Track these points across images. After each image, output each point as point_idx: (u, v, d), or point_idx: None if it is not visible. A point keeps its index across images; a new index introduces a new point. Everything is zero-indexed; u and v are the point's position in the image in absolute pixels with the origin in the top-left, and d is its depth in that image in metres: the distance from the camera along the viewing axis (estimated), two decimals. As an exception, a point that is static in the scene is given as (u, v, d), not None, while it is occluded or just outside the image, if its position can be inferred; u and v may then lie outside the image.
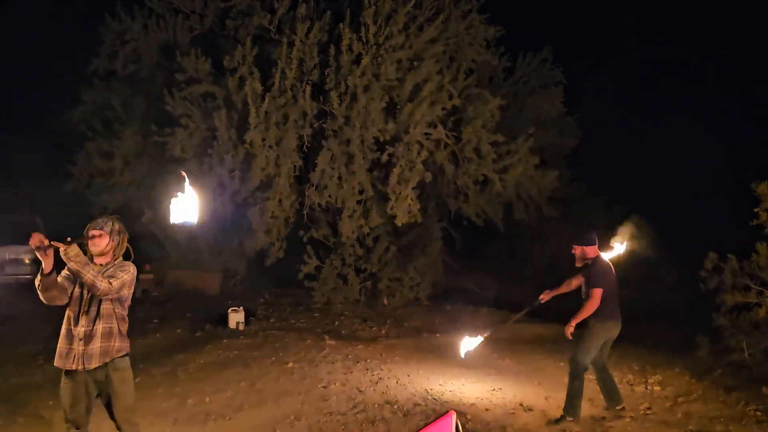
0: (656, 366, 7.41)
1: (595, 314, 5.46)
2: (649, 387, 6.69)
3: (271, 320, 10.38)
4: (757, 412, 5.78)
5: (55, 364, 3.68)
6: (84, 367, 3.66)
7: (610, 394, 5.79)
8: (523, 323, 10.42)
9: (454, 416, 2.73)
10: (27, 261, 12.20)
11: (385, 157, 10.64)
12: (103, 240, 3.73)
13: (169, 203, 3.64)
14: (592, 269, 5.50)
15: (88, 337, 3.68)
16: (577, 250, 5.64)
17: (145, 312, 10.24)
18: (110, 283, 3.56)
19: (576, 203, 13.90)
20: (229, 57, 10.38)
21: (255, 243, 11.32)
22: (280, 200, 10.96)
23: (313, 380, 6.90)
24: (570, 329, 5.49)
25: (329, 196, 10.88)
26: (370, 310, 11.50)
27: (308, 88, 10.29)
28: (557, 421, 5.51)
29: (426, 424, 2.64)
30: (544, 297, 5.81)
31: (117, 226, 3.81)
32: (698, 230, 12.37)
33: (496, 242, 13.72)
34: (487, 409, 5.99)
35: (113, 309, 3.76)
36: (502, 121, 11.50)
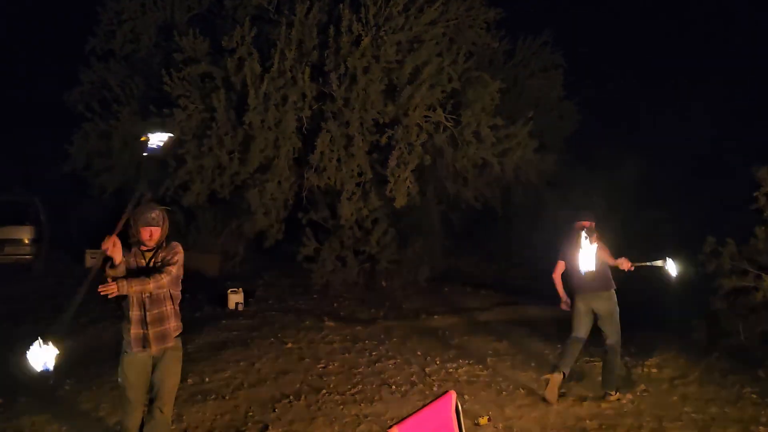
0: (653, 348, 7.44)
1: (570, 289, 5.83)
2: (645, 369, 6.72)
3: (270, 301, 10.42)
4: (753, 395, 5.82)
5: (133, 350, 3.91)
6: (155, 348, 3.94)
7: (607, 376, 5.84)
8: (518, 305, 10.47)
9: (454, 396, 2.75)
10: (26, 241, 12.20)
11: (384, 140, 10.60)
12: (157, 232, 4.05)
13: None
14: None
15: (159, 320, 3.95)
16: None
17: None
18: (169, 273, 3.91)
19: (575, 187, 13.88)
20: (227, 37, 10.28)
21: (254, 225, 11.32)
22: (279, 182, 10.94)
23: (312, 360, 6.95)
24: (564, 304, 5.89)
25: (328, 178, 10.85)
26: (369, 291, 11.53)
27: (307, 70, 10.21)
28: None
29: (424, 404, 2.66)
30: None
31: (164, 216, 4.13)
32: (697, 213, 12.37)
33: (494, 225, 13.72)
34: (484, 391, 6.04)
35: (169, 291, 4.02)
36: (502, 105, 11.44)
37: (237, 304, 9.78)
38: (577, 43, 15.03)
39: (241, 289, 9.97)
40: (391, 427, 2.28)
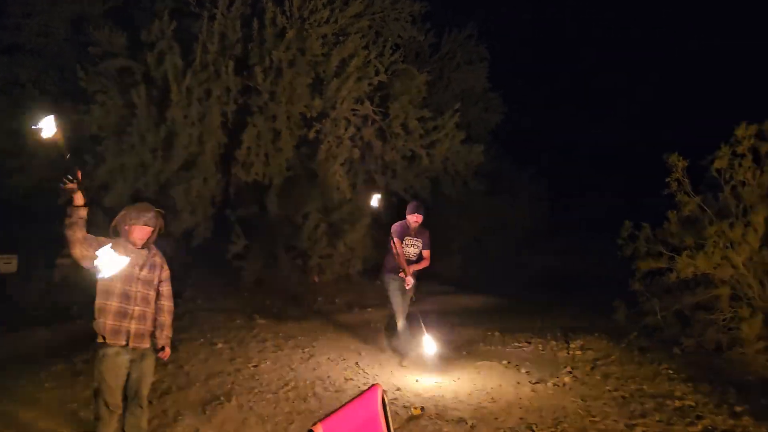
0: (577, 331, 7.73)
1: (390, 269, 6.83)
2: (570, 352, 6.98)
3: (199, 301, 10.17)
4: (669, 371, 6.14)
5: (108, 341, 3.89)
6: (133, 346, 3.96)
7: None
8: (450, 295, 10.66)
9: (379, 389, 2.75)
10: None
11: (312, 134, 10.52)
12: (146, 232, 4.19)
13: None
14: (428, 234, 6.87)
15: (142, 318, 4.04)
16: (420, 218, 6.82)
17: (66, 297, 9.81)
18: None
19: (501, 177, 14.21)
20: (146, 31, 9.93)
21: (180, 224, 10.99)
22: (204, 179, 10.65)
23: (243, 360, 6.84)
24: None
25: (256, 173, 10.67)
26: (301, 287, 11.43)
27: (231, 63, 9.99)
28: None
29: (349, 400, 2.65)
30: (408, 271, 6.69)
31: (160, 221, 4.28)
32: (616, 200, 12.92)
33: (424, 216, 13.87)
34: (417, 380, 6.11)
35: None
36: (429, 97, 11.57)
37: (164, 305, 9.49)
38: (503, 36, 15.31)
39: (168, 289, 9.67)
40: (314, 424, 2.25)
